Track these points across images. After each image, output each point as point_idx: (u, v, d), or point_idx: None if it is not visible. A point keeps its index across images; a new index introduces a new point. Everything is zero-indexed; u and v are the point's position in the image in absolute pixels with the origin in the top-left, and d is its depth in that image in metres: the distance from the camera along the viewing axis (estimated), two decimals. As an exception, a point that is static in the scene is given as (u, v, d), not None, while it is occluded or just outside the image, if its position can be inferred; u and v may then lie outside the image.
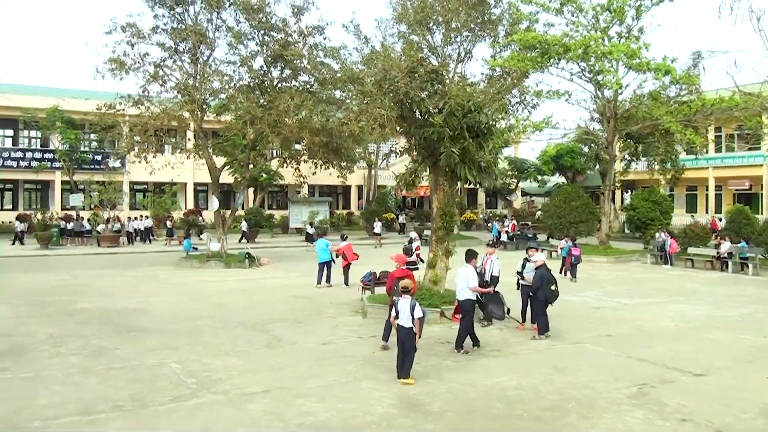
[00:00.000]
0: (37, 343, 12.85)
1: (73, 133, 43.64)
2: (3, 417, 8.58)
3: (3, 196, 51.85)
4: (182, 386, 9.85)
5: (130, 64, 26.68)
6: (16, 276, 24.12)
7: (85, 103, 36.98)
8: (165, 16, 27.42)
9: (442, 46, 37.58)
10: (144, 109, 27.53)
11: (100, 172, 45.58)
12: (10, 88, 45.28)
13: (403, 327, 10.26)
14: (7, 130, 50.68)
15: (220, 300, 18.38)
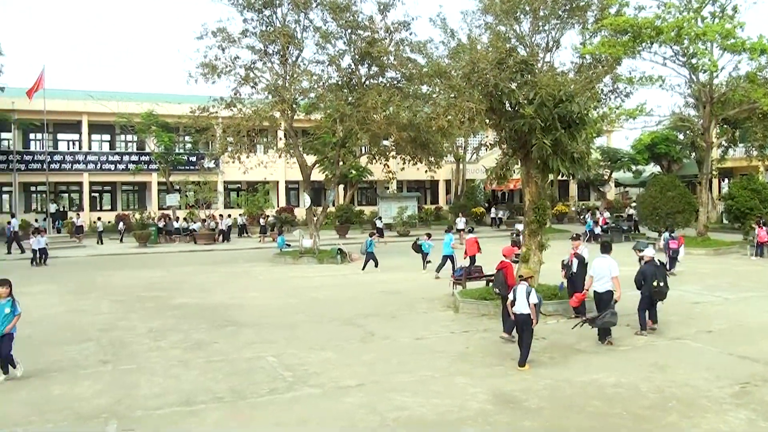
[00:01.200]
0: (138, 337, 13.44)
1: (168, 136, 45.19)
2: (106, 407, 9.00)
3: (102, 198, 54.34)
4: (279, 379, 10.08)
5: (222, 68, 27.41)
6: (116, 273, 25.33)
7: (178, 107, 38.19)
8: (254, 20, 28.04)
9: (530, 36, 36.97)
10: (236, 111, 28.26)
11: (195, 172, 47.01)
12: (107, 94, 47.27)
13: (521, 313, 10.62)
14: (104, 135, 53.14)
15: (313, 295, 18.71)
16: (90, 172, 49.65)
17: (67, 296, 19.60)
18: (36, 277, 24.05)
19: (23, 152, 49.34)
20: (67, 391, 9.79)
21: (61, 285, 22.08)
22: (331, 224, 44.01)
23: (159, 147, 45.76)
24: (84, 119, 49.86)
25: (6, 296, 10.36)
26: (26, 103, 44.89)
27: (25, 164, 48.32)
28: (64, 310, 16.93)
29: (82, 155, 50.02)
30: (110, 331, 14.11)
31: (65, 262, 30.08)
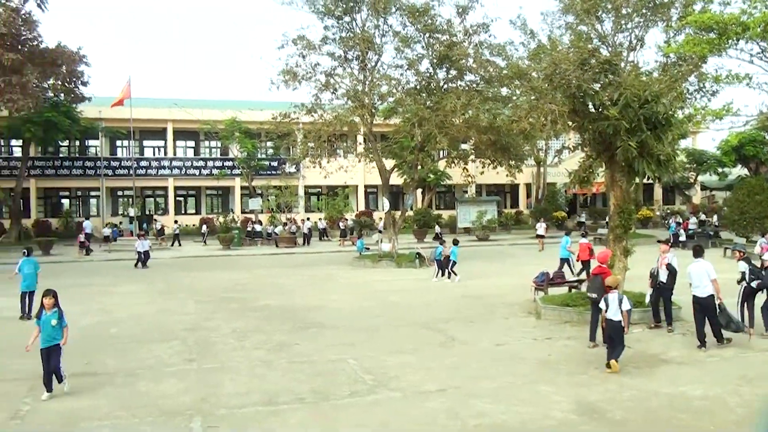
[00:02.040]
0: (222, 337, 13.72)
1: (251, 142, 46.17)
2: (191, 404, 9.21)
3: (187, 202, 55.99)
4: (360, 382, 10.11)
5: (303, 75, 27.83)
6: (201, 274, 26.03)
7: (261, 114, 39.02)
8: (334, 27, 28.35)
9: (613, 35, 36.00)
10: (317, 117, 28.63)
11: (277, 177, 47.92)
12: (191, 102, 48.71)
13: (612, 320, 10.63)
14: (189, 142, 54.85)
15: (392, 299, 18.72)
16: (175, 177, 51.38)
17: (154, 296, 20.25)
18: (124, 278, 24.91)
19: (110, 158, 51.44)
20: (152, 387, 10.07)
21: (148, 285, 22.82)
22: (409, 228, 44.06)
23: (242, 152, 46.83)
24: (169, 126, 51.60)
25: (52, 307, 9.94)
26: (113, 112, 46.84)
27: (112, 170, 50.41)
28: (152, 310, 17.47)
29: (168, 161, 51.78)
30: (196, 330, 14.47)
31: (152, 264, 31.03)
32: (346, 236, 42.02)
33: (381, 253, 28.95)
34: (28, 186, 48.49)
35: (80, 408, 9.14)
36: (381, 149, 31.08)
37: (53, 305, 9.94)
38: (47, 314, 9.85)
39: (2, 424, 8.57)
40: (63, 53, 40.06)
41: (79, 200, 53.87)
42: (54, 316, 9.84)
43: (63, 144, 50.70)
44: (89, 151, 53.07)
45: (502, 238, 44.10)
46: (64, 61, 40.10)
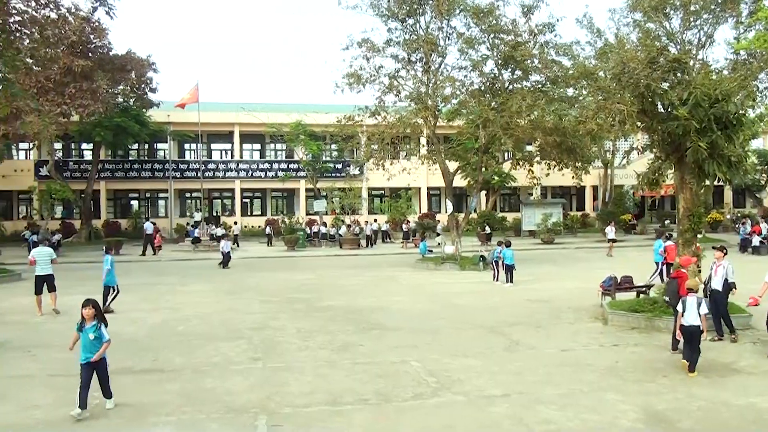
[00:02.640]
0: (287, 337, 13.84)
1: (315, 145, 46.62)
2: (256, 402, 9.29)
3: (253, 204, 56.93)
4: (423, 384, 10.04)
5: (367, 77, 27.97)
6: (267, 275, 26.37)
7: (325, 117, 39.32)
8: (398, 29, 28.40)
9: (681, 32, 35.17)
10: (380, 119, 28.69)
11: (341, 179, 48.26)
12: (257, 106, 49.56)
13: (690, 325, 10.44)
14: (255, 144, 55.81)
15: (455, 301, 18.59)
16: (241, 179, 52.40)
17: (220, 296, 20.59)
18: (192, 277, 25.42)
19: (178, 161, 52.77)
20: (219, 384, 10.20)
21: (214, 285, 23.24)
22: (473, 231, 43.76)
23: (307, 155, 47.33)
24: (236, 130, 52.60)
25: (92, 319, 8.96)
26: (181, 116, 48.06)
27: (180, 172, 51.68)
28: (218, 309, 17.76)
29: (234, 163, 52.82)
30: (261, 330, 14.64)
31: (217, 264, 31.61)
32: (409, 238, 42.00)
33: (444, 255, 28.81)
34: (98, 188, 50.16)
35: (148, 403, 9.33)
36: (444, 151, 30.94)
37: (93, 316, 9.00)
38: (87, 326, 8.97)
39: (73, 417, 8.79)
40: (132, 60, 41.27)
41: (148, 202, 55.39)
42: (92, 330, 8.93)
43: (132, 147, 52.28)
44: (158, 154, 54.55)
45: (568, 241, 43.36)
46: (133, 68, 41.32)
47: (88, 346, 8.86)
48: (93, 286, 22.93)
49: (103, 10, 36.04)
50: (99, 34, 37.15)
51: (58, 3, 28.28)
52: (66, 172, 49.06)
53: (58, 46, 28.58)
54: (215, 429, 8.27)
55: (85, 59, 34.85)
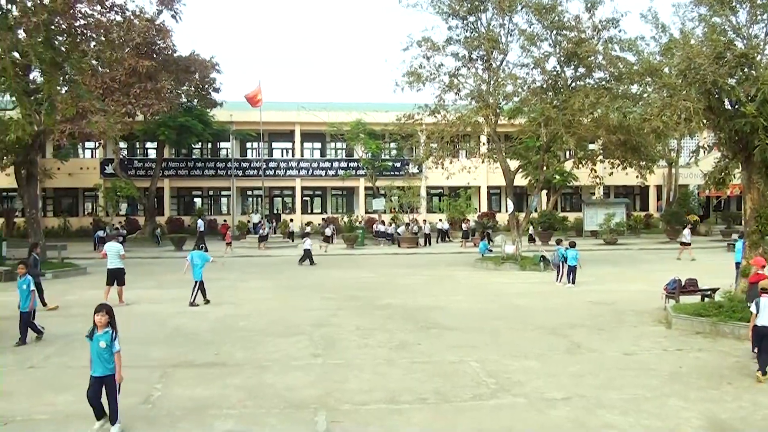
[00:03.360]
0: (346, 334, 13.91)
1: (375, 143, 46.75)
2: (316, 398, 9.36)
3: (313, 202, 57.47)
4: (482, 385, 9.95)
5: (427, 76, 27.88)
6: (326, 272, 26.61)
7: (385, 115, 39.43)
8: (458, 27, 28.20)
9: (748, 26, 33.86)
10: (440, 118, 28.57)
11: (400, 177, 48.32)
12: (318, 105, 50.01)
13: (763, 326, 10.19)
14: (315, 143, 56.36)
15: (515, 302, 18.38)
16: (302, 177, 53.00)
17: (280, 292, 20.84)
18: (252, 274, 25.78)
19: (240, 160, 53.69)
20: (279, 380, 10.31)
21: (275, 281, 23.54)
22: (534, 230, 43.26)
23: (366, 154, 47.55)
24: (297, 129, 53.19)
25: (104, 326, 8.19)
26: (243, 115, 48.92)
27: (242, 171, 52.60)
28: (278, 306, 18.00)
29: (295, 162, 53.44)
30: (321, 326, 14.73)
31: (279, 261, 32.00)
32: (468, 237, 41.75)
33: (504, 255, 28.53)
34: (162, 186, 51.36)
35: (209, 396, 9.49)
36: (505, 150, 30.67)
37: (107, 324, 8.23)
38: (98, 334, 8.17)
39: (134, 407, 9.01)
40: (196, 61, 42.12)
41: (211, 199, 56.49)
42: (104, 337, 8.12)
43: (196, 146, 53.35)
44: (221, 153, 55.60)
45: (631, 242, 42.45)
46: (197, 69, 42.16)
47: (98, 355, 8.10)
48: (155, 281, 23.64)
49: (169, 12, 36.90)
50: (163, 36, 38.00)
51: (123, 7, 29.07)
52: (131, 170, 50.43)
53: (123, 48, 29.34)
54: (275, 424, 8.34)
55: (150, 60, 35.67)
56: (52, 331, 13.85)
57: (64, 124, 30.55)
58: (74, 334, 13.60)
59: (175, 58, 40.72)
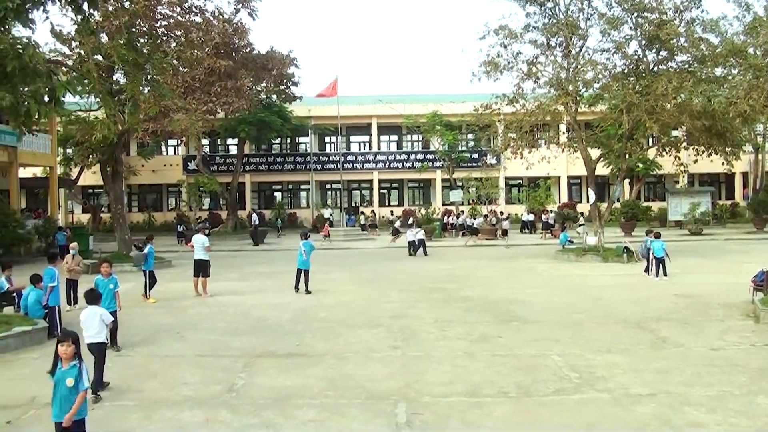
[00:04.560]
0: (425, 326, 13.90)
1: (452, 135, 46.52)
2: (396, 389, 9.40)
3: (390, 194, 57.66)
4: (565, 380, 9.78)
5: (504, 65, 27.52)
6: (404, 264, 26.84)
7: (462, 106, 39.19)
8: (536, 14, 27.70)
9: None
10: (519, 107, 28.20)
11: (478, 169, 47.96)
12: (394, 98, 50.12)
13: None
14: (392, 136, 56.53)
15: (598, 294, 17.99)
16: (379, 170, 53.29)
17: (359, 284, 21.07)
18: (332, 266, 26.02)
19: (319, 154, 54.44)
20: (359, 371, 10.41)
21: (355, 273, 23.79)
22: (616, 221, 42.27)
23: (443, 145, 47.36)
24: (373, 122, 53.51)
25: (70, 359, 6.61)
26: (321, 110, 49.60)
27: (321, 164, 53.35)
28: (357, 297, 18.17)
29: (372, 155, 53.79)
30: (400, 318, 14.79)
31: (358, 253, 32.28)
32: (549, 229, 41.11)
33: (586, 246, 27.96)
34: (243, 180, 52.58)
35: (291, 386, 9.67)
36: (586, 138, 30.02)
37: (73, 356, 6.63)
38: (62, 369, 6.59)
39: (219, 395, 9.26)
40: (274, 57, 42.78)
41: (290, 193, 57.42)
42: (71, 373, 6.55)
43: (275, 141, 54.34)
44: (300, 147, 56.46)
45: (717, 232, 40.91)
46: (275, 65, 42.81)
47: (63, 396, 6.54)
48: (238, 273, 24.21)
49: (246, 11, 37.59)
50: (241, 35, 38.72)
51: (202, 8, 29.80)
52: (212, 166, 51.80)
53: (203, 48, 30.08)
54: (356, 414, 8.42)
55: (228, 59, 36.43)
56: (138, 322, 14.40)
57: (148, 123, 31.63)
58: (159, 325, 14.13)
59: (254, 56, 41.48)
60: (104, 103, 18.85)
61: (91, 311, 9.36)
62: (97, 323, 9.28)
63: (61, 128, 40.39)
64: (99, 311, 9.39)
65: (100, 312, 9.39)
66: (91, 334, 9.25)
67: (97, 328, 9.28)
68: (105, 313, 9.48)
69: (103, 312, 9.44)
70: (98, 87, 17.67)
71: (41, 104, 12.83)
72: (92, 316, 9.31)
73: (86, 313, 9.37)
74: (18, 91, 12.52)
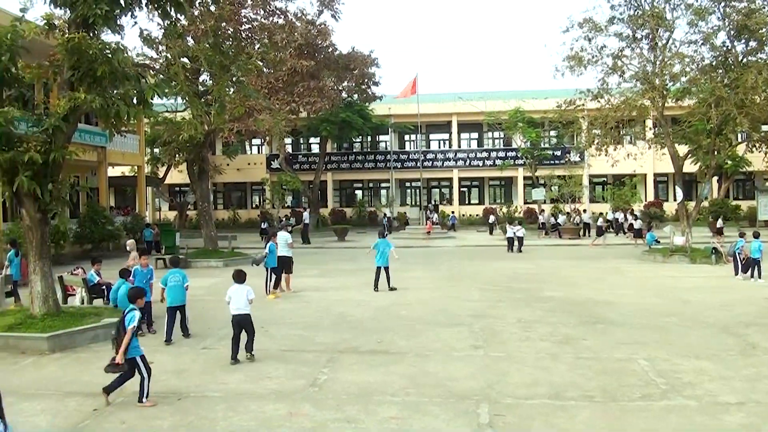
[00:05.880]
0: (507, 326, 13.77)
1: (534, 132, 45.90)
2: (478, 390, 9.35)
3: (470, 192, 57.35)
4: (651, 385, 9.51)
5: (588, 59, 27.08)
6: (485, 263, 26.57)
7: (544, 102, 38.63)
8: (621, 5, 27.12)
9: None
10: (603, 102, 27.64)
11: (561, 166, 47.18)
12: (475, 95, 49.77)
13: None
14: (472, 134, 56.25)
15: (685, 297, 17.43)
16: (459, 168, 53.15)
17: (439, 282, 21.04)
18: (411, 264, 25.95)
19: (399, 152, 54.71)
20: (441, 369, 10.40)
21: (434, 272, 23.77)
22: (704, 220, 40.86)
23: (525, 142, 46.80)
24: (453, 120, 53.38)
25: None
26: (401, 108, 49.74)
27: (401, 163, 53.57)
28: (438, 295, 18.14)
29: (452, 153, 53.70)
30: (481, 318, 14.70)
31: (438, 251, 32.24)
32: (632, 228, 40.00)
33: (673, 247, 27.14)
34: (325, 179, 53.37)
35: (373, 382, 9.77)
36: (672, 134, 29.16)
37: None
38: None
39: (303, 390, 9.44)
40: (355, 57, 43.24)
41: (371, 191, 57.82)
42: None
43: (356, 140, 54.85)
44: (380, 146, 56.85)
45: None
46: (356, 65, 43.29)
47: None
48: (319, 269, 24.55)
49: (329, 13, 38.07)
50: (324, 36, 39.24)
51: (285, 10, 30.32)
52: (295, 165, 52.78)
53: (286, 49, 30.63)
54: (438, 413, 8.42)
55: (311, 60, 36.98)
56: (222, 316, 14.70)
57: (233, 123, 32.47)
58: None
59: (336, 56, 42.03)
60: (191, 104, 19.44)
61: (240, 288, 11.04)
62: (243, 298, 10.95)
63: (149, 129, 42.00)
64: (245, 288, 11.07)
65: (246, 289, 11.07)
66: (240, 306, 10.93)
67: (244, 302, 10.95)
68: (250, 290, 11.16)
69: (249, 289, 11.12)
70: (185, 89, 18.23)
71: (130, 106, 13.35)
72: (240, 292, 11.01)
73: (234, 289, 11.04)
74: (108, 94, 13.07)
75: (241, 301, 10.93)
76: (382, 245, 19.12)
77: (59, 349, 12.08)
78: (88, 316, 13.48)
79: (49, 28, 13.65)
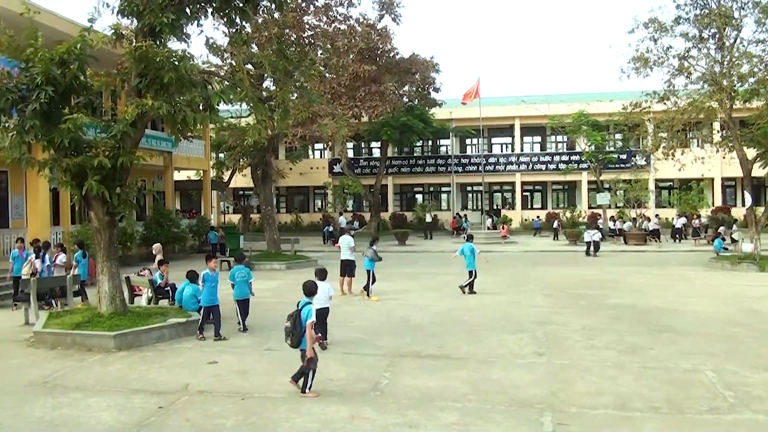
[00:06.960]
0: (571, 333, 13.61)
1: (599, 135, 45.15)
2: (541, 398, 9.25)
3: (533, 197, 56.82)
4: (719, 398, 9.26)
5: (654, 60, 26.67)
6: (548, 268, 26.30)
7: (609, 105, 38.03)
8: (687, 5, 26.55)
9: None
10: (670, 104, 27.10)
11: (626, 170, 46.26)
12: (538, 98, 49.25)
13: None
14: (535, 137, 55.73)
15: (755, 306, 16.91)
16: (522, 172, 52.64)
17: (502, 287, 20.94)
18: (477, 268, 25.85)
19: (460, 156, 54.52)
20: (503, 376, 10.34)
21: (497, 277, 23.62)
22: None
23: (589, 146, 46.08)
24: (516, 123, 52.95)
25: None
26: (463, 112, 49.62)
27: (462, 167, 53.38)
28: (500, 301, 18.06)
29: (515, 157, 53.25)
30: (544, 324, 14.58)
31: (500, 257, 32.00)
32: (700, 235, 38.99)
33: (741, 254, 26.34)
34: (386, 183, 53.54)
35: (435, 387, 9.77)
36: (741, 137, 28.32)
37: None
38: None
39: (364, 393, 9.52)
40: (416, 62, 43.27)
41: (432, 195, 57.76)
42: None
43: (417, 144, 54.93)
44: (441, 150, 56.79)
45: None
46: (417, 69, 43.33)
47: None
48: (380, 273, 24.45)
49: (390, 17, 38.24)
50: (385, 40, 39.43)
51: (347, 16, 30.60)
52: (357, 169, 53.09)
53: (348, 54, 30.91)
54: (500, 420, 8.38)
55: (372, 64, 37.20)
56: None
57: (297, 128, 32.90)
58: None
59: (397, 61, 42.14)
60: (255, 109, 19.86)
61: (323, 285, 11.87)
62: (325, 294, 11.96)
63: (214, 134, 42.91)
64: (327, 285, 12.19)
65: (327, 286, 12.17)
66: (322, 300, 11.81)
67: (325, 298, 12.00)
68: (330, 287, 12.35)
69: (329, 286, 12.30)
70: (250, 94, 18.60)
71: (197, 112, 13.69)
72: (322, 288, 11.76)
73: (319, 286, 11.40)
74: (174, 101, 13.46)
75: (323, 297, 11.78)
76: (467, 249, 19.42)
77: (125, 347, 12.49)
78: (154, 316, 13.93)
79: (116, 37, 14.14)
